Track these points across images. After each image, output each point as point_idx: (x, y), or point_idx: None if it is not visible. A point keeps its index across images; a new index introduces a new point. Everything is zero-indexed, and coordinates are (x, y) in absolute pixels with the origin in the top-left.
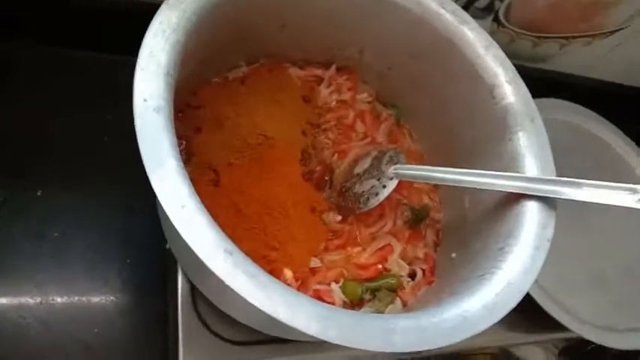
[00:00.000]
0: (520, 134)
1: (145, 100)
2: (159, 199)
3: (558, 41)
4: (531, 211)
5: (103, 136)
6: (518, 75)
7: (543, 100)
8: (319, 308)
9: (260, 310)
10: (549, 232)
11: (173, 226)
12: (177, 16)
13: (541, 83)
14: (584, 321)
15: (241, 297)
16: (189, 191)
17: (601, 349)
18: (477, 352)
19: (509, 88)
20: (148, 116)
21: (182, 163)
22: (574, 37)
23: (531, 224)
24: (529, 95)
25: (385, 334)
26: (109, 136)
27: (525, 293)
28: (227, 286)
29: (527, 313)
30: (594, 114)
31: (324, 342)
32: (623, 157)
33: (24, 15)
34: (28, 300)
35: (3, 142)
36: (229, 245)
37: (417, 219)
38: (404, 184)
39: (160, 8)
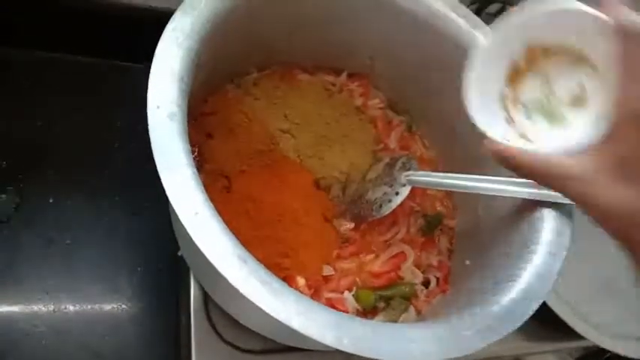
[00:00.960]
0: None
1: (158, 107)
2: (172, 205)
3: None
4: (547, 217)
5: (113, 143)
6: None
7: None
8: (334, 316)
9: (274, 319)
10: (566, 239)
11: (186, 233)
12: (191, 22)
13: None
14: (599, 329)
15: (255, 305)
16: (203, 198)
17: (617, 357)
18: None
19: None
20: (162, 123)
21: (196, 170)
22: None
23: (547, 231)
24: None
25: (402, 344)
26: (119, 142)
27: (543, 301)
28: (240, 294)
29: (543, 322)
30: None
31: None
32: None
33: (31, 22)
34: (40, 307)
35: (14, 150)
36: (243, 252)
37: (431, 226)
38: (417, 192)
39: (174, 15)
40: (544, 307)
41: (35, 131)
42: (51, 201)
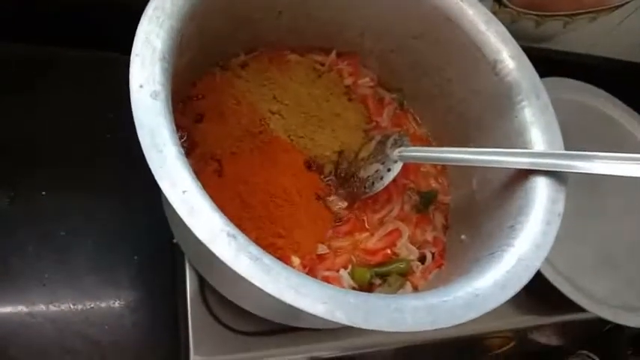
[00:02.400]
0: (526, 110)
1: (140, 86)
2: (159, 184)
3: (562, 19)
4: (541, 186)
5: (105, 134)
6: (521, 50)
7: (548, 79)
8: (325, 289)
9: (266, 294)
10: (560, 206)
11: (176, 213)
12: (171, 2)
13: (546, 63)
14: (599, 301)
15: (246, 281)
16: (190, 176)
17: (618, 329)
18: (493, 336)
19: (513, 64)
20: (145, 102)
21: (181, 149)
22: (578, 14)
23: (541, 200)
24: (533, 70)
25: (394, 314)
26: (111, 133)
27: (537, 269)
28: (232, 273)
29: (542, 296)
30: (601, 91)
31: (335, 330)
32: (633, 134)
33: (20, 15)
34: (37, 299)
35: (5, 144)
36: (232, 229)
37: (425, 203)
38: (411, 169)
39: None
40: (543, 280)
41: (26, 124)
42: (44, 194)
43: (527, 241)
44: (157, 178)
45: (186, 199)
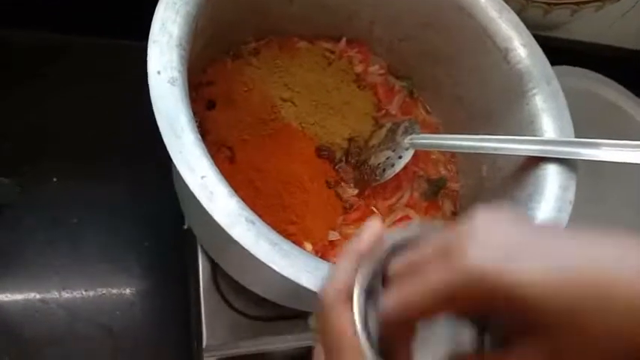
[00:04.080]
0: (537, 98)
1: (158, 73)
2: (179, 170)
3: (569, 7)
4: (551, 173)
5: (115, 121)
6: (532, 38)
7: (555, 67)
8: None
9: (283, 278)
10: (571, 194)
11: (193, 199)
12: None
13: (553, 52)
14: None
15: (264, 265)
16: (209, 162)
17: None
18: None
19: (524, 51)
20: (163, 88)
21: (199, 135)
22: (585, 3)
23: (552, 187)
24: (544, 58)
25: None
26: (121, 120)
27: None
28: (250, 257)
29: None
30: (608, 80)
31: None
32: (638, 122)
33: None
34: (50, 286)
35: (17, 132)
36: (250, 214)
37: (434, 190)
38: (420, 156)
39: None
40: None
41: (36, 112)
42: (55, 181)
43: None
44: (175, 163)
45: (205, 184)
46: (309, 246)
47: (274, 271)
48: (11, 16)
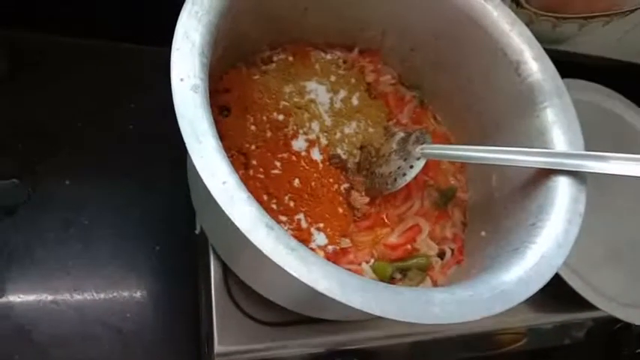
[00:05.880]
0: (548, 110)
1: (181, 80)
2: (200, 174)
3: (577, 21)
4: (562, 185)
5: (127, 124)
6: (544, 52)
7: (563, 80)
8: (359, 281)
9: (301, 283)
10: (581, 206)
11: (212, 203)
12: None
13: (561, 65)
14: (610, 299)
15: (281, 271)
16: (230, 168)
17: (627, 327)
18: (505, 333)
19: (536, 65)
20: (186, 95)
21: (219, 141)
22: (593, 17)
23: (563, 199)
24: (556, 71)
25: (424, 306)
26: (132, 123)
27: (559, 267)
28: (266, 262)
29: (552, 293)
30: (616, 93)
31: (355, 322)
32: None
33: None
34: (61, 287)
35: (30, 133)
36: (270, 220)
37: (444, 200)
38: (430, 166)
39: None
40: (553, 277)
41: (49, 114)
42: (67, 182)
43: (550, 240)
44: (197, 167)
45: (226, 189)
46: (320, 253)
47: (291, 277)
48: (23, 18)
